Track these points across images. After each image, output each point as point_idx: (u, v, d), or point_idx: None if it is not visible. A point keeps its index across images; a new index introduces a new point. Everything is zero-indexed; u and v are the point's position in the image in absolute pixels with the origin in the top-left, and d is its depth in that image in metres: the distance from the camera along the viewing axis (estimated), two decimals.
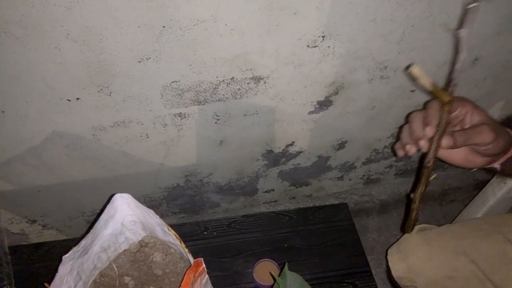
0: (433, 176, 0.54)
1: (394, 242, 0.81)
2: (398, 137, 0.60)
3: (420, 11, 0.71)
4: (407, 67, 0.45)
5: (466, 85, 0.93)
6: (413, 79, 0.46)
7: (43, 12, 0.57)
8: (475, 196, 1.12)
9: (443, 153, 0.54)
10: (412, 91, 0.91)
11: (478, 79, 0.93)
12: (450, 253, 0.70)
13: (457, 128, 0.56)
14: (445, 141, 0.50)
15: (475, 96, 0.98)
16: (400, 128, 0.60)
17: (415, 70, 0.44)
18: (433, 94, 0.49)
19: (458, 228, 0.75)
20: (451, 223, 0.90)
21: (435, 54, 0.82)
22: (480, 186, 1.17)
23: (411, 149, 0.54)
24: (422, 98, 0.93)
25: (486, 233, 0.71)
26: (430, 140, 0.51)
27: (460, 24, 0.45)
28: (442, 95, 0.49)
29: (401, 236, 0.79)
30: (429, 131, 0.50)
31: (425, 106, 0.53)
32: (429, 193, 1.36)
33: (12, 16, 0.56)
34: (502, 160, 0.57)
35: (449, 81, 0.47)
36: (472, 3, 0.41)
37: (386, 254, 0.77)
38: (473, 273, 0.68)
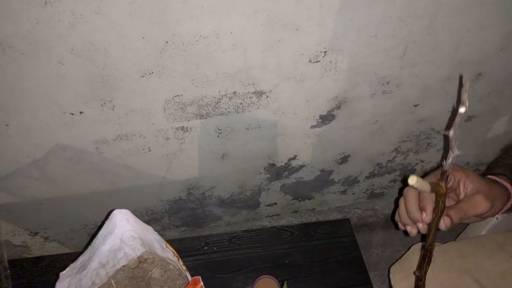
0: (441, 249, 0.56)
1: (399, 258, 0.80)
2: (395, 211, 0.63)
3: (422, 27, 0.71)
4: (405, 179, 0.49)
5: (470, 99, 0.92)
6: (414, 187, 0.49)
7: (47, 28, 0.58)
8: None
9: None
10: (416, 105, 0.90)
11: (482, 94, 0.92)
12: (453, 271, 0.69)
13: (451, 196, 0.57)
14: (444, 223, 0.52)
15: (479, 111, 0.98)
16: (396, 201, 0.62)
17: (414, 182, 0.47)
18: (432, 192, 0.51)
19: (462, 246, 0.74)
20: (455, 240, 0.89)
21: (438, 69, 0.82)
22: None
23: (412, 231, 0.56)
24: (425, 112, 0.93)
25: (490, 251, 0.70)
26: (429, 225, 0.53)
27: (449, 125, 0.48)
28: (439, 189, 0.51)
29: (404, 253, 0.78)
30: (427, 218, 0.53)
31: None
32: None
33: (17, 31, 0.57)
34: (501, 212, 0.58)
35: (442, 175, 0.50)
36: (460, 107, 0.45)
37: (388, 272, 0.76)
38: None
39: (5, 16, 0.55)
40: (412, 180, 0.45)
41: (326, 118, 0.88)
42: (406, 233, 0.58)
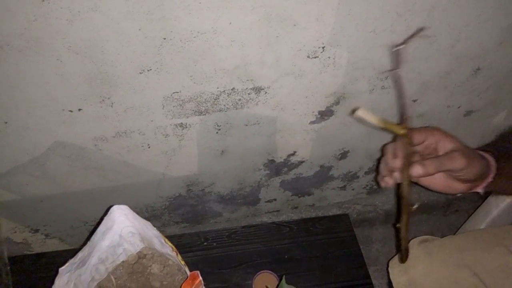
0: (415, 206, 0.56)
1: (396, 254, 0.80)
2: (377, 169, 0.63)
3: (420, 22, 0.71)
4: (353, 112, 0.49)
5: (468, 94, 0.93)
6: (360, 121, 0.50)
7: (45, 25, 0.58)
8: (479, 206, 1.11)
9: (423, 181, 0.58)
10: (414, 100, 0.90)
11: (480, 89, 0.92)
12: (452, 265, 0.69)
13: (431, 156, 0.57)
14: (415, 169, 0.52)
15: (478, 105, 0.98)
16: (378, 160, 0.63)
17: (360, 113, 0.49)
18: (387, 130, 0.53)
19: (460, 240, 0.74)
20: (454, 234, 0.89)
21: (436, 64, 0.82)
22: (484, 196, 1.16)
23: (389, 181, 0.57)
24: (425, 107, 0.93)
25: (489, 245, 0.70)
26: (401, 170, 0.54)
27: (393, 65, 0.48)
28: (396, 129, 0.52)
29: (398, 249, 0.78)
30: (397, 162, 0.54)
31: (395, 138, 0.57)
32: (434, 203, 1.35)
33: (14, 29, 0.57)
34: (483, 185, 0.58)
35: (401, 116, 0.51)
36: (397, 46, 0.46)
37: (387, 266, 0.77)
38: (475, 286, 0.67)
39: (2, 13, 0.55)
40: (359, 111, 0.46)
41: (325, 114, 0.88)
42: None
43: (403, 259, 0.64)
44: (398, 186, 0.57)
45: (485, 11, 0.73)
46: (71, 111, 0.71)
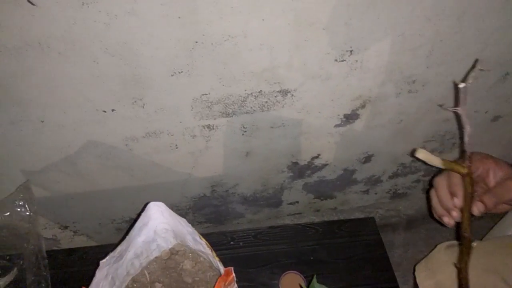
0: (474, 244, 0.56)
1: (422, 259, 0.79)
2: (428, 203, 0.63)
3: (449, 26, 0.71)
4: (412, 153, 0.49)
5: (496, 99, 0.92)
6: (423, 162, 0.50)
7: (83, 28, 0.60)
8: (506, 213, 1.09)
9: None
10: (441, 105, 0.90)
11: (508, 94, 0.91)
12: (480, 270, 0.69)
13: (481, 185, 0.57)
14: (476, 208, 0.52)
15: (506, 111, 0.96)
16: (427, 192, 0.62)
17: (421, 155, 0.48)
18: (449, 169, 0.51)
19: (488, 245, 0.73)
20: (481, 239, 0.88)
21: (465, 69, 0.81)
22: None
23: (449, 222, 0.56)
24: (451, 113, 0.92)
25: None
26: (461, 209, 0.53)
27: (456, 102, 0.48)
28: (459, 169, 0.51)
29: (429, 253, 0.78)
30: (457, 202, 0.53)
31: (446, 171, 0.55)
32: None
33: (54, 32, 0.60)
34: None
35: (462, 154, 0.50)
36: (462, 83, 0.46)
37: (414, 270, 0.76)
38: None
39: (44, 17, 0.58)
40: (419, 152, 0.45)
41: (350, 117, 0.88)
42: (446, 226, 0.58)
43: None
44: (457, 224, 0.56)
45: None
46: (104, 111, 0.74)
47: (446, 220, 0.56)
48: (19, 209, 0.80)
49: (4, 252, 0.82)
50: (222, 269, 0.59)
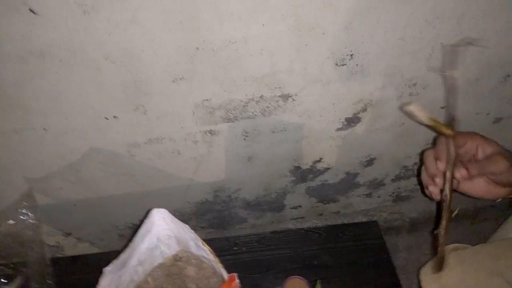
0: (455, 212, 0.56)
1: (426, 262, 0.79)
2: (418, 180, 0.63)
3: (449, 29, 0.71)
4: (404, 105, 0.50)
5: (497, 101, 0.92)
6: (409, 116, 0.50)
7: (85, 36, 0.61)
8: (509, 214, 1.08)
9: (464, 187, 0.57)
10: (442, 107, 0.90)
11: (510, 96, 0.91)
12: (485, 273, 0.68)
13: (469, 158, 0.57)
14: (459, 172, 0.52)
15: (507, 113, 0.96)
16: (418, 170, 0.62)
17: (411, 107, 0.48)
18: (434, 129, 0.52)
19: (493, 248, 0.73)
20: (485, 242, 0.88)
21: (465, 70, 0.81)
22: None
23: (434, 191, 0.56)
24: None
25: None
26: (444, 174, 0.53)
27: (445, 65, 0.49)
28: (443, 129, 0.52)
29: (433, 256, 0.77)
30: (441, 165, 0.53)
31: (435, 142, 0.56)
32: (462, 211, 1.33)
33: (56, 39, 0.60)
34: None
35: (449, 117, 0.51)
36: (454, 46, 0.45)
37: (418, 273, 0.76)
38: None
39: (45, 25, 0.58)
40: (411, 106, 0.46)
41: (352, 121, 0.88)
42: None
43: (439, 267, 0.62)
44: (441, 191, 0.56)
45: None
46: (107, 118, 0.74)
47: (431, 188, 0.56)
48: (22, 217, 0.80)
49: (8, 260, 0.82)
50: (225, 275, 0.59)
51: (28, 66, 0.63)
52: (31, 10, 0.56)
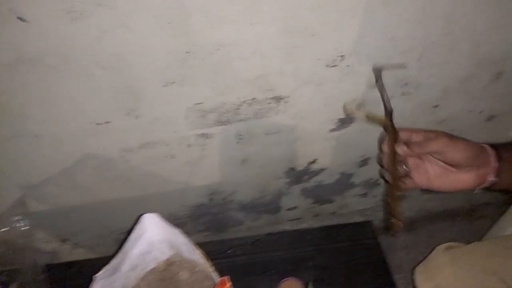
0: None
1: (422, 261, 0.79)
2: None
3: (440, 28, 0.72)
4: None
5: (490, 99, 0.92)
6: (348, 115, 0.58)
7: (75, 42, 0.61)
8: (505, 211, 1.09)
9: (423, 182, 0.63)
10: (435, 106, 0.90)
11: (502, 94, 0.91)
12: (479, 272, 0.69)
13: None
14: (400, 147, 0.60)
15: (500, 110, 0.96)
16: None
17: (346, 110, 0.57)
18: (372, 121, 0.64)
19: (487, 246, 0.73)
20: (480, 240, 0.88)
21: (456, 69, 0.81)
22: (510, 201, 1.13)
23: (386, 173, 0.65)
24: (446, 113, 0.93)
25: None
26: (389, 155, 0.62)
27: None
28: (380, 119, 0.63)
29: (429, 254, 0.78)
30: (384, 146, 0.63)
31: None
32: (457, 209, 1.33)
33: (46, 47, 0.60)
34: (490, 173, 0.59)
35: (386, 111, 0.63)
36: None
37: (413, 273, 0.76)
38: None
39: (35, 32, 0.58)
40: (345, 106, 0.56)
41: (345, 121, 0.88)
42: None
43: (392, 228, 0.72)
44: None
45: (506, 15, 0.72)
46: (99, 124, 0.74)
47: (383, 171, 0.65)
48: (15, 224, 0.80)
49: (2, 268, 0.82)
50: (216, 279, 0.59)
51: (19, 74, 0.63)
52: (19, 18, 0.55)
